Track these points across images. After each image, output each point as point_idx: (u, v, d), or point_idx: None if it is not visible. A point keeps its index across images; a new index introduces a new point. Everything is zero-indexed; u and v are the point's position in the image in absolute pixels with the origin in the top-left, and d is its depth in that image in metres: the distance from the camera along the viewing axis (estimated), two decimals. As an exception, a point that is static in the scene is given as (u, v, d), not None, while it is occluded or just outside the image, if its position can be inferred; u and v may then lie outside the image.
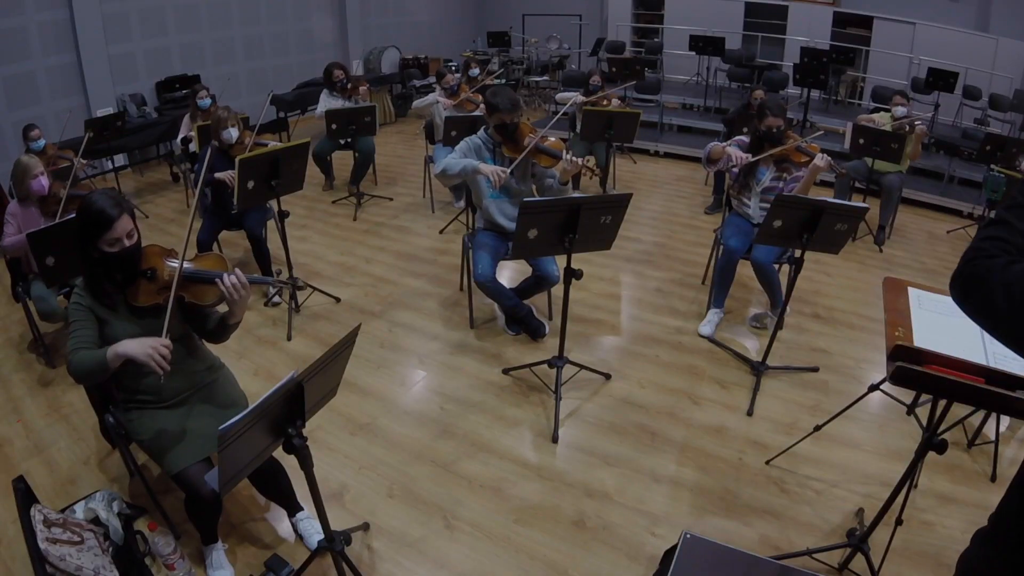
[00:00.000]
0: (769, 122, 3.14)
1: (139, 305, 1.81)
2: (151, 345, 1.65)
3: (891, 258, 4.48)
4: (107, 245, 1.73)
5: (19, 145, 4.08)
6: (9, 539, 2.09)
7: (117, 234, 1.72)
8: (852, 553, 1.97)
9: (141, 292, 1.82)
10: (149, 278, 1.82)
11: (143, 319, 1.83)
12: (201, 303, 1.85)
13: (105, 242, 1.73)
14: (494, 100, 2.96)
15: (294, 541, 2.13)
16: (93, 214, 1.71)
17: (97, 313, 1.79)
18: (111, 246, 1.73)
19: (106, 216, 1.70)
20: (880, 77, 7.85)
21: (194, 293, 1.84)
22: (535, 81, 9.49)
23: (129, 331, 1.80)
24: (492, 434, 2.64)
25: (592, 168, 2.96)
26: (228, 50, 7.40)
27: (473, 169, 2.93)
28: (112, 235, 1.72)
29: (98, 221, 1.71)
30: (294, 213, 3.85)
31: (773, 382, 2.95)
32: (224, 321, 1.91)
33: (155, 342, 1.66)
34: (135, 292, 1.81)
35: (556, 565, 2.04)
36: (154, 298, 1.82)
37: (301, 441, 1.54)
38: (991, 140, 4.75)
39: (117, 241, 1.73)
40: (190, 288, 1.84)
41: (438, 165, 3.04)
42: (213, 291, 1.83)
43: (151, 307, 1.82)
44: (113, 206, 1.72)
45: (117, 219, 1.72)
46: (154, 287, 1.82)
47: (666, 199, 5.60)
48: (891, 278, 1.72)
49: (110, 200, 1.74)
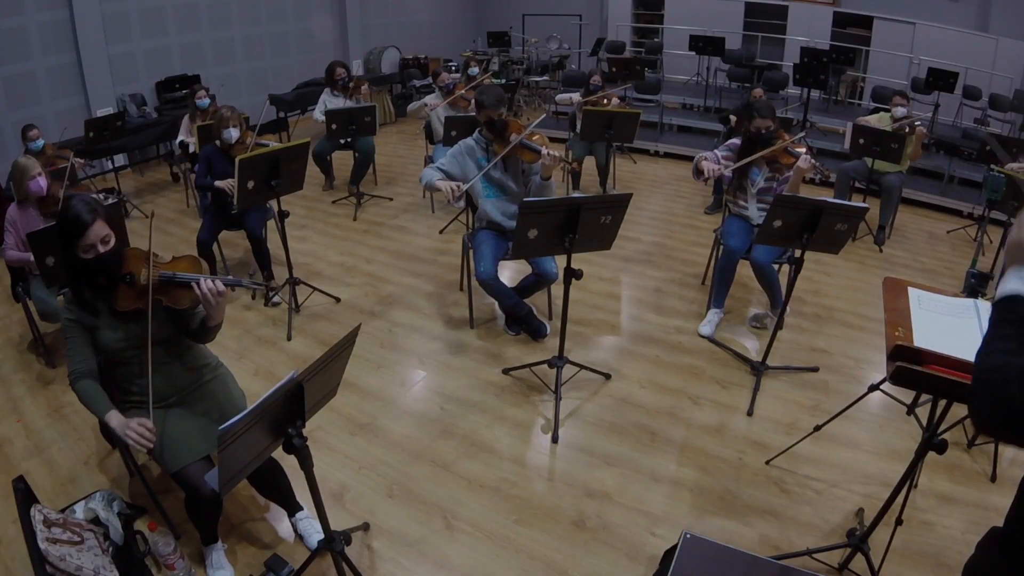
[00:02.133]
0: (758, 123, 3.14)
1: (121, 310, 1.80)
2: (132, 428, 1.72)
3: (891, 258, 4.48)
4: (82, 251, 1.73)
5: (19, 145, 4.08)
6: (9, 539, 2.09)
7: (91, 240, 1.71)
8: (852, 553, 1.97)
9: (121, 297, 1.80)
10: (129, 283, 1.80)
11: (127, 324, 1.84)
12: (178, 307, 1.84)
13: (80, 248, 1.72)
14: (480, 97, 3.02)
15: (294, 541, 2.13)
16: (69, 219, 1.70)
17: (85, 324, 1.80)
18: (85, 252, 1.73)
19: (80, 221, 1.69)
20: (880, 77, 7.85)
21: (171, 297, 1.83)
22: (535, 81, 9.49)
23: (116, 337, 1.82)
24: (492, 434, 2.64)
25: (571, 163, 2.98)
26: (228, 50, 7.40)
27: (432, 185, 3.00)
28: (86, 241, 1.71)
29: (73, 226, 1.70)
30: (294, 213, 3.84)
31: (773, 382, 2.95)
32: (205, 324, 1.92)
33: (134, 423, 1.73)
34: (116, 297, 1.80)
35: (556, 565, 2.04)
36: (135, 303, 1.80)
37: (301, 441, 1.54)
38: (991, 140, 4.75)
39: (91, 247, 1.72)
40: (168, 292, 1.83)
41: (423, 174, 3.11)
42: (189, 295, 1.82)
43: (133, 312, 1.81)
44: (88, 212, 1.71)
45: (91, 225, 1.70)
46: (134, 292, 1.81)
47: (666, 199, 5.60)
48: (891, 278, 1.72)
49: (85, 206, 1.72)
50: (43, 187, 3.00)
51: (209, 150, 3.67)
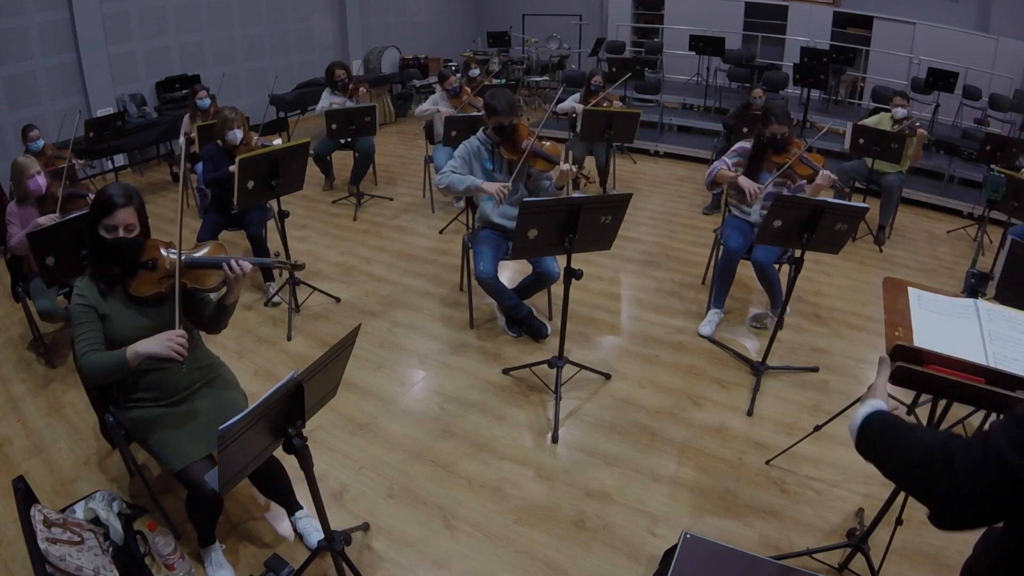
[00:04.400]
0: (774, 129, 3.07)
1: (140, 295, 1.83)
2: (168, 338, 1.71)
3: (891, 258, 4.48)
4: (104, 230, 1.77)
5: (19, 145, 4.08)
6: (9, 539, 2.08)
7: (115, 222, 1.76)
8: (852, 553, 1.97)
9: (142, 282, 1.83)
10: (150, 268, 1.84)
11: (145, 309, 1.85)
12: (203, 287, 1.89)
13: (103, 227, 1.77)
14: (492, 102, 2.98)
15: (294, 540, 2.13)
16: (102, 197, 1.77)
17: (99, 309, 1.80)
18: (108, 232, 1.77)
19: (112, 202, 1.76)
20: (880, 77, 7.85)
21: (196, 278, 1.87)
22: (535, 81, 9.49)
23: (131, 323, 1.82)
24: (492, 434, 2.64)
25: (586, 176, 2.98)
26: (228, 50, 7.40)
27: (476, 188, 2.97)
28: (110, 221, 1.76)
29: (103, 204, 1.76)
30: (294, 213, 3.85)
31: (773, 382, 2.95)
32: (222, 303, 1.96)
33: (171, 334, 1.72)
34: (136, 283, 1.83)
35: (556, 565, 2.04)
36: (156, 287, 1.84)
37: (301, 441, 1.54)
38: (991, 140, 4.75)
39: (114, 228, 1.77)
40: (191, 274, 1.87)
41: (441, 179, 3.05)
42: (216, 275, 1.87)
43: (152, 297, 1.84)
44: (122, 195, 1.78)
45: (120, 207, 1.76)
46: (156, 276, 1.84)
47: (666, 199, 5.60)
48: (891, 278, 1.72)
49: (122, 190, 1.80)
50: (42, 186, 3.00)
51: (211, 150, 3.67)
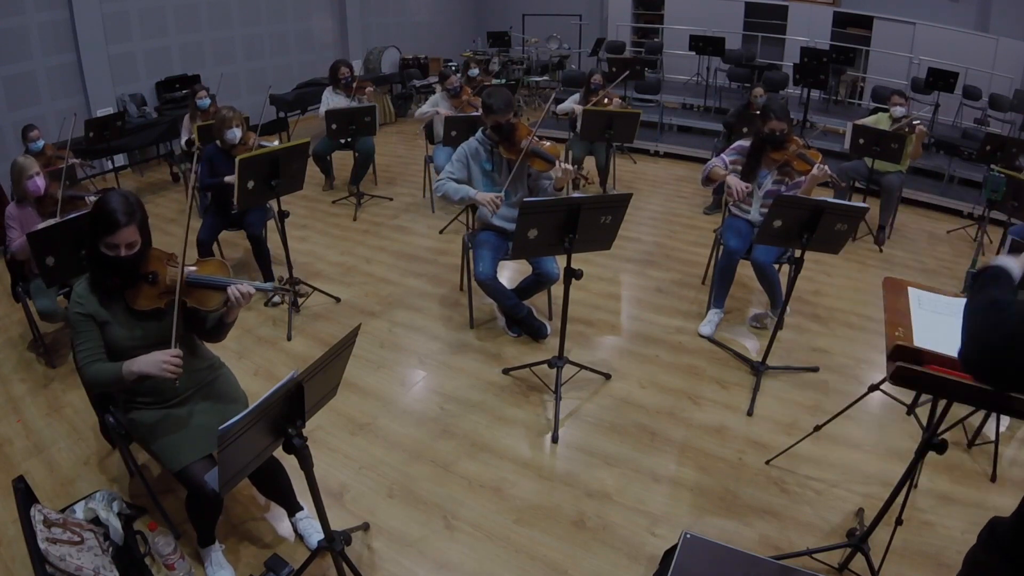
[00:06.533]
0: (772, 125, 3.08)
1: (139, 309, 1.80)
2: (163, 360, 1.70)
3: (891, 258, 4.48)
4: (106, 248, 1.74)
5: (19, 145, 4.08)
6: (9, 539, 2.08)
7: (117, 240, 1.72)
8: (852, 553, 1.97)
9: (142, 296, 1.80)
10: (151, 282, 1.81)
11: (142, 322, 1.83)
12: (205, 308, 1.85)
13: (105, 244, 1.73)
14: (489, 101, 2.98)
15: (294, 541, 2.13)
16: (104, 213, 1.71)
17: (97, 317, 1.79)
18: (109, 250, 1.74)
19: (113, 220, 1.70)
20: (880, 77, 7.85)
21: (198, 298, 1.84)
22: (535, 81, 9.49)
23: (129, 333, 1.81)
24: (492, 434, 2.64)
25: (586, 176, 2.98)
26: (228, 50, 7.40)
27: (470, 199, 2.97)
28: (112, 240, 1.71)
29: (105, 221, 1.70)
30: (294, 213, 3.85)
31: (773, 382, 2.95)
32: (222, 320, 1.93)
33: (164, 355, 1.71)
34: (135, 295, 1.80)
35: (556, 565, 2.04)
36: (155, 302, 1.81)
37: (301, 441, 1.54)
38: (991, 140, 4.75)
39: (115, 247, 1.73)
40: (193, 293, 1.84)
41: (438, 187, 3.06)
42: (218, 296, 1.84)
43: (151, 311, 1.82)
44: (124, 212, 1.71)
45: (122, 227, 1.70)
46: (155, 291, 1.81)
47: (666, 199, 5.60)
48: (891, 278, 1.72)
49: (124, 205, 1.72)
50: (41, 187, 3.00)
51: (210, 150, 3.67)
